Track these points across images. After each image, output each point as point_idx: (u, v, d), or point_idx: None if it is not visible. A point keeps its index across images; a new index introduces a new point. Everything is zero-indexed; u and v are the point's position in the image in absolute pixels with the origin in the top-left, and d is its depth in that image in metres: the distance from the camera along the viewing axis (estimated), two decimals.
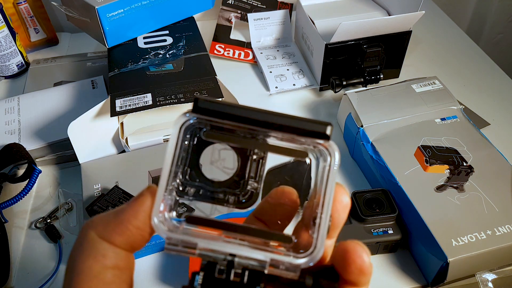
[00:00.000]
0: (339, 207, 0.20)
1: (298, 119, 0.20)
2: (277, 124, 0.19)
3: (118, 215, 0.20)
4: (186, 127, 0.20)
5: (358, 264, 0.19)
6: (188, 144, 0.21)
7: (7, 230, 0.50)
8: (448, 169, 0.49)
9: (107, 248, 0.19)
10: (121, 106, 0.54)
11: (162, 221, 0.19)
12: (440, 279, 0.43)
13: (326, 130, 0.20)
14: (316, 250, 0.19)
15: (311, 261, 0.19)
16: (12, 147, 0.54)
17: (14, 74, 0.75)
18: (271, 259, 0.19)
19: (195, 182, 0.22)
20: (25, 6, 0.78)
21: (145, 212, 0.19)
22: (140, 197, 0.20)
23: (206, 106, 0.19)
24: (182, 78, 0.59)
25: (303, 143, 0.20)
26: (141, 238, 0.20)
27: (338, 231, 0.21)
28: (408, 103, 0.57)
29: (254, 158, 0.22)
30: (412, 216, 0.46)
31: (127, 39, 0.67)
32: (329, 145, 0.20)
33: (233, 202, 0.22)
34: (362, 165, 0.57)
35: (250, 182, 0.22)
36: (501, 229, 0.44)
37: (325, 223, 0.19)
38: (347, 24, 0.59)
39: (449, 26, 0.87)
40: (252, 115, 0.19)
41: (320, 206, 0.20)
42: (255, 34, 0.77)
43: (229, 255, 0.19)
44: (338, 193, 0.21)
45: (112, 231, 0.19)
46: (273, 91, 0.70)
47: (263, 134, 0.20)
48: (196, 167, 0.22)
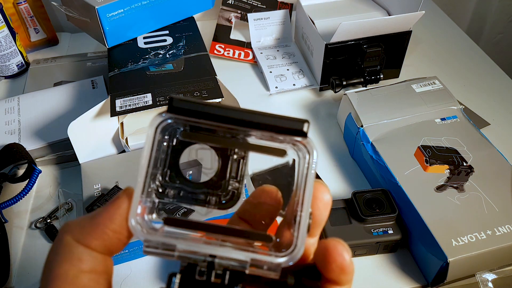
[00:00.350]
0: (320, 204, 0.20)
1: (275, 117, 0.19)
2: (254, 122, 0.19)
3: (94, 218, 0.19)
4: (163, 128, 0.20)
5: (339, 263, 0.19)
6: (167, 145, 0.21)
7: (7, 230, 0.50)
8: (448, 169, 0.49)
9: (83, 252, 0.19)
10: (121, 106, 0.54)
11: (140, 223, 0.19)
12: (440, 279, 0.43)
13: (303, 127, 0.19)
14: (297, 249, 0.19)
15: (291, 260, 0.19)
16: (12, 147, 0.54)
17: (14, 74, 0.75)
18: (252, 259, 0.19)
19: (175, 184, 0.21)
20: (25, 6, 0.78)
21: (121, 215, 0.19)
22: (116, 199, 0.19)
23: (181, 105, 0.19)
24: (182, 78, 0.59)
25: (282, 141, 0.20)
26: (119, 242, 0.19)
27: (320, 229, 0.21)
28: (408, 103, 0.57)
29: (235, 158, 0.22)
30: (412, 216, 0.46)
31: (127, 39, 0.67)
32: (307, 142, 0.19)
33: (214, 203, 0.22)
34: (362, 165, 0.57)
35: (231, 182, 0.22)
36: (501, 229, 0.44)
37: (305, 221, 0.19)
38: (347, 24, 0.59)
39: (449, 26, 0.87)
40: (228, 114, 0.19)
41: (300, 204, 0.19)
42: (255, 34, 0.77)
43: (209, 256, 0.19)
44: (319, 191, 0.20)
45: (88, 235, 0.19)
46: (273, 91, 0.70)
47: (243, 134, 0.20)
48: (176, 168, 0.21)
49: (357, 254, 0.47)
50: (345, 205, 0.48)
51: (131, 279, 0.46)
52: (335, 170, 0.58)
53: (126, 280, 0.46)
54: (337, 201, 0.49)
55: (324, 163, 0.59)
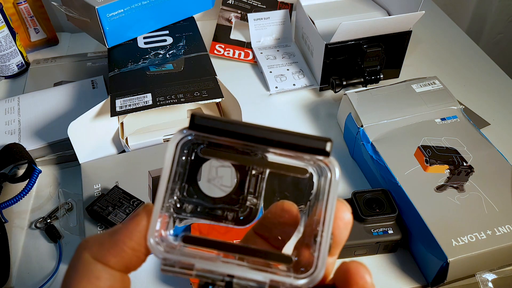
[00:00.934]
0: (340, 224, 0.20)
1: (297, 135, 0.19)
2: (275, 140, 0.19)
3: (113, 235, 0.19)
4: (183, 143, 0.20)
5: (361, 285, 0.19)
6: (185, 160, 0.21)
7: (7, 230, 0.50)
8: (448, 169, 0.49)
9: (101, 269, 0.19)
10: (121, 106, 0.54)
11: (159, 242, 0.19)
12: (440, 279, 0.43)
13: (326, 146, 0.19)
14: (317, 270, 0.18)
15: (312, 283, 0.18)
16: (12, 147, 0.54)
17: (14, 74, 0.75)
18: (271, 280, 0.19)
19: (193, 199, 0.21)
20: (25, 6, 0.78)
21: (140, 232, 0.19)
22: (135, 217, 0.19)
23: (202, 122, 0.19)
24: (182, 78, 0.59)
25: (303, 159, 0.20)
26: (137, 259, 0.19)
27: (340, 249, 0.21)
28: (408, 103, 0.57)
29: (253, 174, 0.21)
30: (412, 216, 0.46)
31: (127, 39, 0.67)
32: (329, 161, 0.19)
33: (231, 218, 0.22)
34: (362, 165, 0.57)
35: (249, 198, 0.22)
36: (501, 229, 0.44)
37: (326, 242, 0.19)
38: (347, 24, 0.59)
39: (449, 26, 0.87)
40: (249, 132, 0.19)
41: (321, 224, 0.19)
42: (255, 34, 0.77)
43: (227, 276, 0.19)
44: (340, 210, 0.20)
45: (107, 252, 0.19)
46: (273, 91, 0.70)
47: (262, 150, 0.20)
48: (194, 183, 0.21)
49: (357, 254, 0.47)
50: None
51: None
52: None
53: None
54: None
55: None
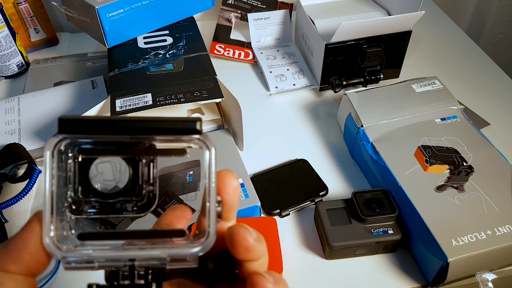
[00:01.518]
0: (229, 190, 0.22)
1: (168, 121, 0.20)
2: (148, 128, 0.20)
3: (7, 245, 0.20)
4: (65, 146, 0.20)
5: (244, 245, 0.21)
6: (73, 162, 0.21)
7: (7, 230, 0.50)
8: (448, 169, 0.49)
9: (3, 276, 0.20)
10: (121, 106, 0.54)
11: (56, 243, 0.20)
12: (440, 279, 0.43)
13: (195, 125, 0.20)
14: (210, 237, 0.20)
15: (204, 248, 0.20)
16: (12, 147, 0.54)
17: (14, 74, 0.75)
18: (169, 255, 0.20)
19: (90, 198, 0.22)
20: (25, 6, 0.78)
21: (34, 238, 0.20)
22: (28, 224, 0.20)
23: (70, 124, 0.19)
24: (182, 78, 0.59)
25: (184, 140, 0.21)
26: (38, 263, 0.20)
27: (234, 212, 0.23)
28: (408, 103, 0.57)
29: (144, 162, 0.22)
30: (412, 216, 0.46)
31: (127, 39, 0.67)
32: (204, 138, 0.21)
33: (131, 209, 0.22)
34: (362, 165, 0.57)
35: (145, 186, 0.22)
36: (501, 229, 0.44)
37: (212, 209, 0.20)
38: (347, 24, 0.59)
39: (449, 26, 0.87)
40: (120, 125, 0.20)
41: (207, 194, 0.21)
42: (255, 34, 0.77)
43: (129, 260, 0.20)
44: (227, 178, 0.22)
45: (3, 261, 0.20)
46: (273, 91, 0.70)
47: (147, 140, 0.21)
48: (86, 183, 0.22)
49: (357, 254, 0.47)
50: (345, 205, 0.48)
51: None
52: (335, 170, 0.58)
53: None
54: (337, 201, 0.49)
55: (324, 163, 0.59)
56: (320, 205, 0.48)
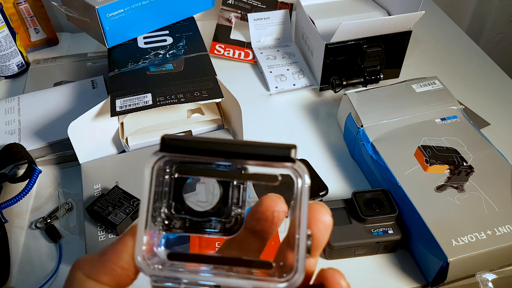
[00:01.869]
0: (320, 226, 0.21)
1: (262, 146, 0.20)
2: (242, 153, 0.20)
3: (103, 256, 0.20)
4: (164, 162, 0.21)
5: None
6: (169, 178, 0.22)
7: (7, 230, 0.50)
8: (448, 169, 0.49)
9: (95, 286, 0.20)
10: (121, 106, 0.54)
11: (148, 259, 0.20)
12: (440, 279, 0.43)
13: (290, 153, 0.20)
14: (297, 274, 0.19)
15: (291, 286, 0.19)
16: (12, 147, 0.54)
17: (14, 74, 0.75)
18: (254, 286, 0.20)
19: (181, 214, 0.22)
20: (25, 6, 0.78)
21: (128, 252, 0.20)
22: (122, 237, 0.20)
23: (172, 143, 0.20)
24: (182, 78, 0.59)
25: (277, 166, 0.21)
26: (127, 278, 0.20)
27: (321, 250, 0.22)
28: (408, 103, 0.57)
29: (235, 185, 0.22)
30: (412, 216, 0.46)
31: (127, 39, 0.67)
32: (297, 166, 0.20)
33: (219, 229, 0.23)
34: (362, 165, 0.57)
35: (234, 208, 0.23)
36: (501, 229, 0.44)
37: (303, 245, 0.19)
38: (347, 24, 0.59)
39: (449, 26, 0.87)
40: (217, 148, 0.20)
41: (297, 227, 0.20)
42: (255, 34, 0.77)
43: (214, 286, 0.20)
44: (320, 213, 0.21)
45: (97, 271, 0.20)
46: (273, 91, 0.70)
47: (239, 162, 0.21)
48: (180, 200, 0.22)
49: (357, 254, 0.47)
50: (345, 205, 0.48)
51: None
52: (335, 170, 0.58)
53: None
54: (337, 201, 0.49)
55: (324, 163, 0.59)
56: None
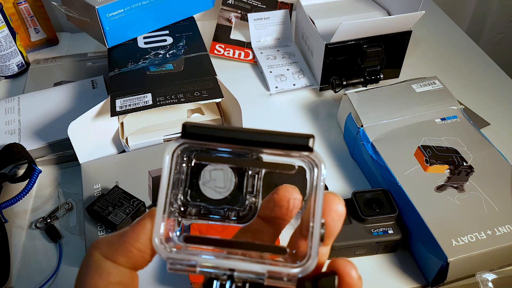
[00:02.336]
0: (334, 215, 0.21)
1: (281, 135, 0.20)
2: (261, 141, 0.20)
3: (121, 237, 0.21)
4: (181, 151, 0.21)
5: (347, 281, 0.20)
6: (186, 166, 0.22)
7: (7, 230, 0.50)
8: (448, 169, 0.49)
9: (111, 266, 0.21)
10: (121, 106, 0.54)
11: (164, 243, 0.20)
12: (440, 279, 0.43)
13: (308, 142, 0.20)
14: (311, 259, 0.20)
15: (305, 271, 0.20)
16: (12, 147, 0.54)
17: (14, 74, 0.75)
18: (268, 271, 0.20)
19: (196, 202, 0.23)
20: (25, 6, 0.78)
21: (145, 234, 0.21)
22: (141, 220, 0.21)
23: (193, 131, 0.21)
24: (182, 78, 0.59)
25: (293, 156, 0.21)
26: (143, 259, 0.21)
27: (333, 239, 0.22)
28: (408, 103, 0.57)
29: (250, 174, 0.23)
30: (412, 216, 0.46)
31: (127, 39, 0.67)
32: (314, 156, 0.21)
33: (233, 218, 0.23)
34: (362, 165, 0.57)
35: (248, 197, 0.23)
36: (501, 229, 0.44)
37: (317, 232, 0.20)
38: (347, 24, 0.59)
39: (449, 26, 0.87)
40: (237, 136, 0.20)
41: (311, 216, 0.20)
42: (255, 34, 0.77)
43: (228, 270, 0.20)
44: (333, 202, 0.21)
45: (115, 252, 0.21)
46: (273, 91, 0.70)
47: (254, 152, 0.22)
48: (196, 187, 0.23)
49: (357, 254, 0.47)
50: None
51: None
52: (335, 170, 0.58)
53: None
54: None
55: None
56: None
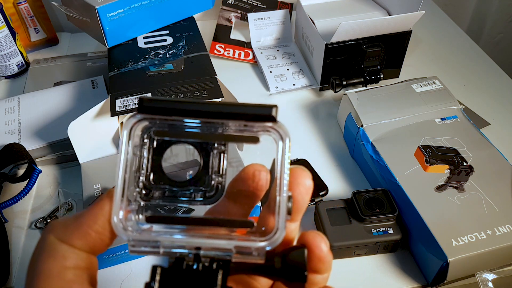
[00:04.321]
0: (302, 189, 0.21)
1: (243, 106, 0.20)
2: (222, 112, 0.20)
3: (78, 219, 0.20)
4: (141, 130, 0.20)
5: (317, 254, 0.20)
6: (147, 149, 0.21)
7: (7, 230, 0.50)
8: (448, 169, 0.49)
9: (67, 249, 0.19)
10: (121, 106, 0.54)
11: (124, 224, 0.19)
12: (440, 279, 0.43)
13: (271, 112, 0.20)
14: (278, 232, 0.19)
15: (273, 243, 0.19)
16: (12, 147, 0.54)
17: (14, 74, 0.75)
18: (235, 246, 0.19)
19: (160, 185, 0.22)
20: (25, 6, 0.78)
21: (104, 216, 0.20)
22: (99, 201, 0.20)
23: (150, 104, 0.20)
24: (182, 78, 0.59)
25: (257, 130, 0.20)
26: (101, 242, 0.20)
27: (301, 214, 0.22)
28: (408, 103, 0.57)
29: (215, 153, 0.22)
30: (412, 216, 0.46)
31: (127, 39, 0.67)
32: (278, 126, 0.20)
33: (199, 198, 0.22)
34: (362, 165, 0.57)
35: (214, 177, 0.22)
36: (501, 229, 0.44)
37: (283, 205, 0.20)
38: (347, 24, 0.59)
39: (449, 26, 0.87)
40: (196, 107, 0.20)
41: (278, 188, 0.20)
42: (255, 34, 0.77)
43: (194, 248, 0.20)
44: (300, 176, 0.21)
45: (71, 235, 0.20)
46: (273, 91, 0.70)
47: (218, 127, 0.21)
48: (159, 170, 0.22)
49: (357, 254, 0.47)
50: (345, 205, 0.48)
51: (131, 279, 0.46)
52: (335, 170, 0.58)
53: (126, 280, 0.46)
54: (337, 201, 0.49)
55: (324, 163, 0.59)
56: (320, 205, 0.48)
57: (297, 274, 0.20)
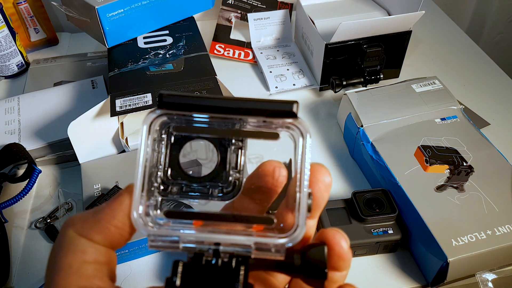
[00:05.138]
0: (321, 186, 0.21)
1: (264, 101, 0.20)
2: (243, 108, 0.20)
3: (97, 214, 0.20)
4: (160, 126, 0.20)
5: (337, 251, 0.20)
6: (165, 144, 0.21)
7: (7, 230, 0.50)
8: (448, 169, 0.49)
9: (86, 244, 0.19)
10: (121, 106, 0.54)
11: (143, 219, 0.19)
12: (440, 279, 0.43)
13: (292, 108, 0.20)
14: (298, 229, 0.19)
15: (293, 240, 0.19)
16: (12, 147, 0.54)
17: (14, 74, 0.75)
18: (255, 243, 0.19)
19: (178, 180, 0.22)
20: (25, 6, 0.78)
21: (123, 211, 0.20)
22: (119, 196, 0.20)
23: (171, 100, 0.20)
24: (182, 78, 0.59)
25: (276, 126, 0.20)
26: (121, 237, 0.20)
27: (320, 211, 0.22)
28: (408, 103, 0.57)
29: (233, 149, 0.22)
30: (412, 216, 0.46)
31: (127, 39, 0.67)
32: (299, 122, 0.20)
33: (217, 194, 0.22)
34: (362, 165, 0.57)
35: (232, 173, 0.22)
36: (501, 229, 0.44)
37: (304, 202, 0.19)
38: (347, 24, 0.59)
39: (449, 26, 0.87)
40: (216, 103, 0.19)
41: (298, 185, 0.20)
42: (255, 34, 0.77)
43: (214, 244, 0.19)
44: (320, 173, 0.21)
45: (90, 229, 0.19)
46: (273, 91, 0.70)
47: (237, 123, 0.21)
48: (176, 166, 0.22)
49: (357, 254, 0.47)
50: (345, 205, 0.48)
51: (131, 279, 0.46)
52: (335, 170, 0.58)
53: (126, 280, 0.46)
54: (337, 201, 0.49)
55: (324, 163, 0.58)
56: None
57: (317, 271, 0.20)
